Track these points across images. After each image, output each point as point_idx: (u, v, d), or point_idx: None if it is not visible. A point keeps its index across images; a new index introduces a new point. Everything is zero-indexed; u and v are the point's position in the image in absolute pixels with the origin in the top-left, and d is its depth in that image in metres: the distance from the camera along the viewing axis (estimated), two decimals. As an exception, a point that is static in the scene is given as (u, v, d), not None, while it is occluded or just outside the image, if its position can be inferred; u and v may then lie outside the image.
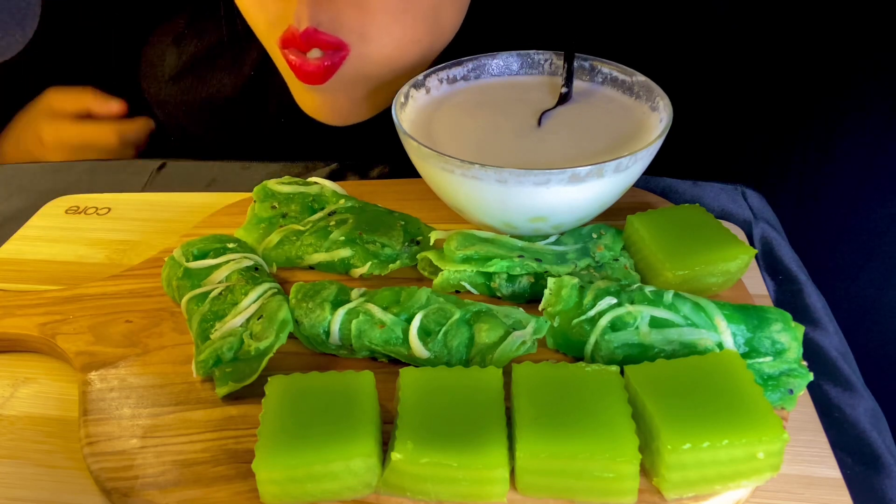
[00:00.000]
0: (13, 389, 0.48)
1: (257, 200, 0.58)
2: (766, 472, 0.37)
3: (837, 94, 0.76)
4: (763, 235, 0.61)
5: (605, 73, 0.59)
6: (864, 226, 0.77)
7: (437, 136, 0.55)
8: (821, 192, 0.79)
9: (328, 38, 0.58)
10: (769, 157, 0.81)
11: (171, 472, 0.40)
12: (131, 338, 0.49)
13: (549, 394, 0.39)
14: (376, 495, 0.39)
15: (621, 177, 0.49)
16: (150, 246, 0.61)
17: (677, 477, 0.37)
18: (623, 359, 0.44)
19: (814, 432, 0.44)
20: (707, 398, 0.38)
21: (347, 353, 0.47)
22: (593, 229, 0.53)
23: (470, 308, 0.46)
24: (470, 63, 0.60)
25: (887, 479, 0.44)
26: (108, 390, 0.45)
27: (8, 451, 0.44)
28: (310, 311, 0.47)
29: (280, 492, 0.38)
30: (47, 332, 0.50)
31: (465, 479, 0.37)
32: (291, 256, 0.54)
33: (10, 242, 0.62)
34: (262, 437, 0.38)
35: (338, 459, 0.37)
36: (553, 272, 0.49)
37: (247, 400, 0.44)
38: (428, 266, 0.53)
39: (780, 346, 0.44)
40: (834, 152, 0.77)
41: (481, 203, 0.50)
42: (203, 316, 0.48)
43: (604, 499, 0.38)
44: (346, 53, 0.59)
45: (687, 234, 0.50)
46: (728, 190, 0.66)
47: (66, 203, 0.67)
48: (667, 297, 0.45)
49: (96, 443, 0.42)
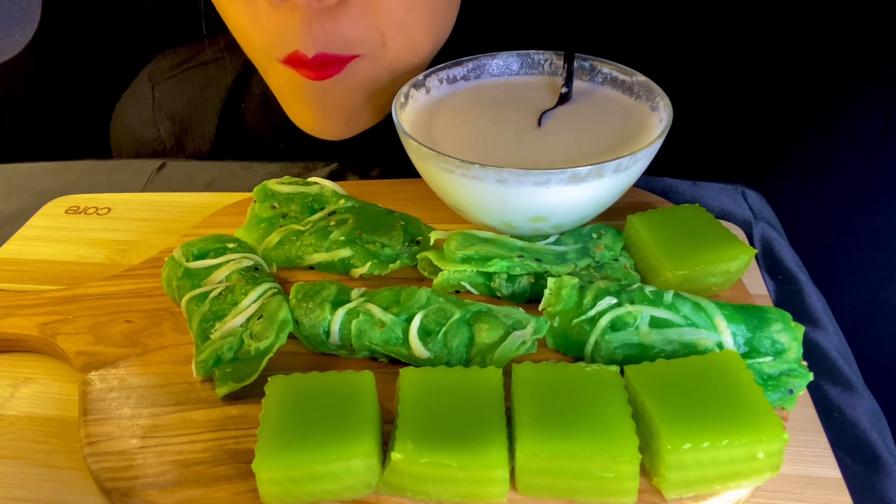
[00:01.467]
0: (13, 389, 0.48)
1: (257, 200, 0.58)
2: (766, 472, 0.37)
3: (837, 95, 0.76)
4: (763, 235, 0.61)
5: (605, 73, 0.59)
6: (864, 226, 0.77)
7: (437, 136, 0.55)
8: (821, 192, 0.79)
9: (338, 56, 0.58)
10: (769, 157, 0.81)
11: (171, 472, 0.40)
12: (131, 338, 0.49)
13: (549, 394, 0.39)
14: (376, 495, 0.39)
15: (621, 177, 0.49)
16: (150, 246, 0.61)
17: (677, 477, 0.37)
18: (623, 359, 0.44)
19: (814, 432, 0.44)
20: (707, 398, 0.38)
21: (347, 353, 0.47)
22: (593, 229, 0.53)
23: (470, 308, 0.46)
24: (470, 63, 0.60)
25: (887, 479, 0.44)
26: (108, 390, 0.45)
27: (8, 451, 0.44)
28: (310, 311, 0.47)
29: (280, 492, 0.38)
30: (47, 332, 0.50)
31: (465, 479, 0.37)
32: (291, 256, 0.54)
33: (10, 242, 0.62)
34: (262, 437, 0.38)
35: (338, 459, 0.37)
36: (553, 272, 0.49)
37: (247, 400, 0.44)
38: (428, 266, 0.53)
39: (780, 346, 0.44)
40: (834, 152, 0.77)
41: (481, 203, 0.50)
42: (203, 316, 0.48)
43: (604, 499, 0.38)
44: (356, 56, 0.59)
45: (687, 234, 0.50)
46: (728, 190, 0.66)
47: (66, 203, 0.67)
48: (667, 297, 0.45)
49: (96, 443, 0.42)
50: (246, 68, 0.78)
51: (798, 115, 0.78)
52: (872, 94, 0.74)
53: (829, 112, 0.76)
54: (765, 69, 0.78)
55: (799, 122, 0.78)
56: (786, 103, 0.78)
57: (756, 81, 0.78)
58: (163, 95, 0.80)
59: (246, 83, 0.78)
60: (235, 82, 0.78)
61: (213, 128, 0.78)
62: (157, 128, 0.80)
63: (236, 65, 0.78)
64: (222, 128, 0.78)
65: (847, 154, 0.77)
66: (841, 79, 0.75)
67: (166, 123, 0.80)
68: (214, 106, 0.78)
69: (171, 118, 0.80)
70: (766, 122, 0.80)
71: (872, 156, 0.75)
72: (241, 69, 0.78)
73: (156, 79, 0.80)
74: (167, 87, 0.80)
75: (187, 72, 0.79)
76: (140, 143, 0.81)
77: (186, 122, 0.79)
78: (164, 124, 0.80)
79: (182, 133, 0.80)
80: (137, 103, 0.81)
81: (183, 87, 0.79)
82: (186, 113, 0.79)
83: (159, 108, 0.80)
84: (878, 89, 0.73)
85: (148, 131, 0.80)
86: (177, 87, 0.80)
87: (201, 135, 0.79)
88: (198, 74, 0.79)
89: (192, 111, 0.79)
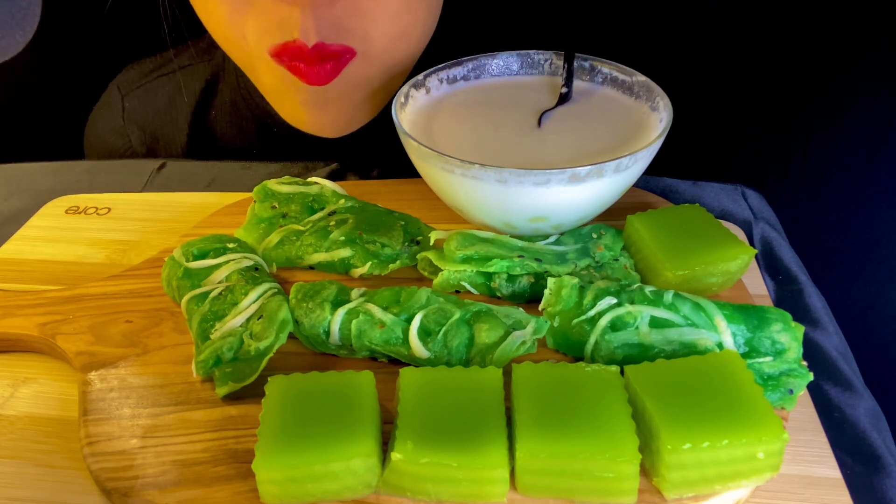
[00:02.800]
0: (13, 389, 0.48)
1: (257, 200, 0.58)
2: (766, 472, 0.37)
3: (837, 95, 0.76)
4: (763, 235, 0.61)
5: (605, 73, 0.59)
6: (864, 226, 0.77)
7: (437, 136, 0.55)
8: (821, 192, 0.79)
9: (337, 48, 0.58)
10: (769, 157, 0.81)
11: (171, 472, 0.40)
12: (131, 338, 0.49)
13: (549, 394, 0.39)
14: (376, 495, 0.39)
15: (621, 177, 0.49)
16: (150, 246, 0.61)
17: (677, 477, 0.37)
18: (623, 359, 0.44)
19: (814, 432, 0.44)
20: (707, 398, 0.38)
21: (347, 353, 0.47)
22: (593, 229, 0.53)
23: (470, 308, 0.46)
24: (470, 63, 0.60)
25: (887, 479, 0.44)
26: (108, 390, 0.45)
27: (8, 451, 0.44)
28: (310, 311, 0.47)
29: (280, 492, 0.38)
30: (47, 332, 0.50)
31: (465, 479, 0.37)
32: (291, 256, 0.54)
33: (10, 242, 0.62)
34: (262, 437, 0.38)
35: (338, 459, 0.37)
36: (553, 272, 0.49)
37: (247, 400, 0.44)
38: (428, 266, 0.53)
39: (780, 346, 0.44)
40: (834, 152, 0.77)
41: (481, 203, 0.50)
42: (203, 316, 0.48)
43: (604, 499, 0.38)
44: (352, 56, 0.59)
45: (687, 234, 0.50)
46: (728, 190, 0.66)
47: (66, 203, 0.67)
48: (667, 297, 0.45)
49: (96, 443, 0.42)
50: (214, 76, 0.78)
51: (798, 115, 0.78)
52: (872, 94, 0.74)
53: (829, 112, 0.76)
54: (765, 69, 0.78)
55: (799, 123, 0.78)
56: (786, 104, 0.79)
57: (756, 81, 0.78)
58: (132, 105, 0.80)
59: (215, 90, 0.78)
60: (205, 90, 0.78)
61: (184, 136, 0.79)
62: (127, 137, 0.80)
63: (205, 72, 0.78)
64: (193, 135, 0.79)
65: (847, 154, 0.77)
66: (841, 79, 0.75)
67: (137, 133, 0.80)
68: (184, 114, 0.78)
69: (141, 127, 0.80)
70: (766, 122, 0.80)
71: (872, 156, 0.75)
72: (210, 76, 0.78)
73: (125, 89, 0.81)
74: (136, 97, 0.80)
75: (156, 80, 0.80)
76: (112, 153, 0.81)
77: (157, 131, 0.80)
78: (134, 133, 0.80)
79: (153, 142, 0.80)
80: (108, 113, 0.81)
81: (152, 95, 0.80)
82: (157, 122, 0.79)
83: (129, 118, 0.80)
84: (878, 90, 0.74)
85: (119, 141, 0.81)
86: (146, 96, 0.80)
87: (172, 143, 0.80)
88: (167, 82, 0.79)
89: (163, 119, 0.79)
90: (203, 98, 0.78)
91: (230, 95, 0.76)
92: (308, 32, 0.56)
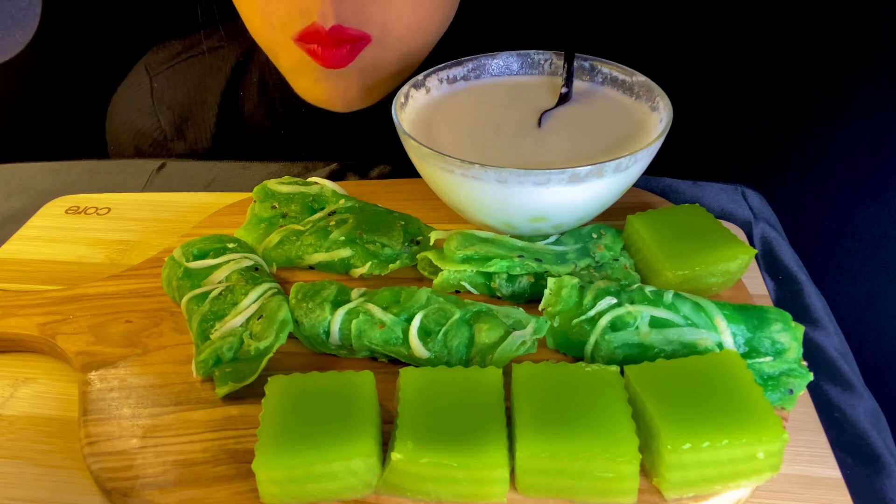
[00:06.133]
0: (13, 389, 0.48)
1: (257, 200, 0.58)
2: (766, 472, 0.37)
3: (837, 94, 0.76)
4: (763, 235, 0.61)
5: (605, 73, 0.59)
6: (864, 226, 0.77)
7: (437, 136, 0.55)
8: (821, 192, 0.79)
9: (354, 33, 0.60)
10: (769, 157, 0.81)
11: (171, 472, 0.40)
12: (131, 338, 0.49)
13: (549, 394, 0.39)
14: (376, 495, 0.39)
15: (621, 177, 0.49)
16: (150, 246, 0.61)
17: (677, 477, 0.37)
18: (623, 359, 0.44)
19: (814, 432, 0.44)
20: (707, 398, 0.38)
21: (347, 353, 0.47)
22: (593, 229, 0.53)
23: (470, 308, 0.46)
24: (470, 63, 0.60)
25: (887, 479, 0.44)
26: (108, 390, 0.45)
27: (8, 451, 0.44)
28: (310, 311, 0.47)
29: (280, 492, 0.38)
30: (47, 332, 0.50)
31: (465, 479, 0.37)
32: (291, 256, 0.54)
33: (10, 242, 0.62)
34: (262, 437, 0.38)
35: (338, 459, 0.37)
36: (553, 272, 0.49)
37: (247, 400, 0.44)
38: (428, 266, 0.53)
39: (780, 346, 0.44)
40: (834, 152, 0.77)
41: (481, 203, 0.50)
42: (203, 316, 0.48)
43: (604, 499, 0.38)
44: (368, 42, 0.61)
45: (687, 234, 0.50)
46: (728, 190, 0.66)
47: (66, 203, 0.67)
48: (667, 297, 0.45)
49: (96, 443, 0.42)
50: (245, 57, 0.78)
51: (798, 115, 0.78)
52: (872, 94, 0.74)
53: (829, 112, 0.76)
54: (764, 69, 0.78)
55: (799, 122, 0.78)
56: (785, 103, 0.79)
57: (756, 81, 0.78)
58: (161, 85, 0.81)
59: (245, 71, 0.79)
60: (234, 70, 0.79)
61: (213, 116, 0.79)
62: (157, 117, 0.81)
63: (235, 53, 0.79)
64: (223, 116, 0.79)
65: (847, 154, 0.77)
66: (840, 79, 0.75)
67: (166, 113, 0.80)
68: (214, 94, 0.79)
69: (170, 108, 0.80)
70: (765, 122, 0.80)
71: (872, 156, 0.75)
72: (240, 58, 0.78)
73: (154, 69, 0.81)
74: (166, 78, 0.81)
75: (186, 62, 0.80)
76: (140, 133, 0.81)
77: (187, 112, 0.80)
78: (164, 114, 0.80)
79: (182, 122, 0.80)
80: (136, 94, 0.81)
81: (182, 76, 0.80)
82: (186, 102, 0.80)
83: (159, 98, 0.81)
84: (878, 89, 0.74)
85: (148, 121, 0.81)
86: (175, 77, 0.80)
87: (202, 123, 0.80)
88: (197, 64, 0.80)
89: (193, 100, 0.80)
90: (233, 78, 0.79)
91: (259, 76, 0.77)
92: (326, 15, 0.58)
